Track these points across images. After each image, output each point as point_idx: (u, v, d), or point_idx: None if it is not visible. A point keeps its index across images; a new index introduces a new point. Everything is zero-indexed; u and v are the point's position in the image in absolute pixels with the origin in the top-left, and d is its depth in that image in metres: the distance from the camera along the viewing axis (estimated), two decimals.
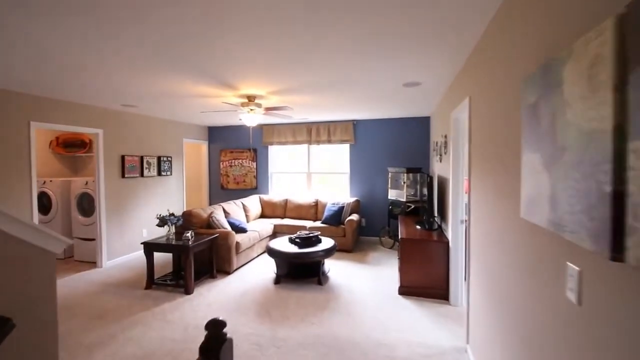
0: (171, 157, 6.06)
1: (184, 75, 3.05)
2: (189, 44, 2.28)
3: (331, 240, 4.33)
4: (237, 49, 2.38)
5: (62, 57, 2.56)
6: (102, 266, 4.73)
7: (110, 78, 3.17)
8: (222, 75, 3.06)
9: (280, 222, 5.80)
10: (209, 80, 3.24)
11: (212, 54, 2.49)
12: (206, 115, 5.52)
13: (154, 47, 2.35)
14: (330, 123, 6.27)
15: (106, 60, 2.63)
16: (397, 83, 3.46)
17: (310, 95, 3.97)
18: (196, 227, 4.53)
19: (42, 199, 5.27)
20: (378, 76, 3.18)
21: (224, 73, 3.00)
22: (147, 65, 2.75)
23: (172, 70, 2.90)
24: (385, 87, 3.61)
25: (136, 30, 2.06)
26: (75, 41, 2.23)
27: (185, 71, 2.94)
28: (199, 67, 2.80)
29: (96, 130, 4.63)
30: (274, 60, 2.65)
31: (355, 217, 5.45)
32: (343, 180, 6.57)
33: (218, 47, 2.35)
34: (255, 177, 6.86)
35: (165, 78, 3.17)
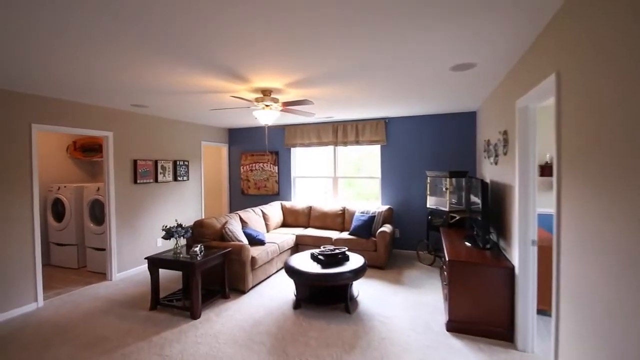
0: (188, 161, 5.69)
1: (191, 66, 2.56)
2: (194, 28, 1.75)
3: (360, 258, 3.66)
4: (246, 27, 1.82)
5: (65, 51, 2.15)
6: (111, 279, 4.39)
7: (117, 73, 2.76)
8: (232, 64, 2.53)
9: (303, 232, 5.21)
10: (218, 71, 2.73)
11: (222, 41, 1.95)
12: (226, 116, 5.08)
13: (159, 37, 1.85)
14: (359, 122, 5.61)
15: (111, 53, 2.19)
16: (443, 66, 2.76)
17: (335, 86, 3.36)
18: (209, 239, 4.05)
19: (57, 206, 5.07)
20: (420, 57, 2.50)
21: (233, 61, 2.47)
22: (152, 57, 2.28)
23: (178, 62, 2.41)
24: (428, 72, 2.91)
25: (141, 19, 1.56)
26: (77, 35, 1.78)
27: (192, 62, 2.44)
28: (206, 56, 2.29)
29: (105, 133, 4.31)
30: (291, 41, 2.06)
31: (388, 229, 4.74)
32: (373, 185, 5.87)
33: (223, 26, 1.80)
34: (277, 182, 6.35)
35: (173, 71, 2.69)
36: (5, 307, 3.31)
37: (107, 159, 4.36)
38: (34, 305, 3.54)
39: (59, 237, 5.02)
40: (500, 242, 3.30)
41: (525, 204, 2.63)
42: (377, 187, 5.76)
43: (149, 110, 4.54)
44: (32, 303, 3.53)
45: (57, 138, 5.40)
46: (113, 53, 2.33)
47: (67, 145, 5.54)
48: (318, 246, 4.96)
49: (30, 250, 3.53)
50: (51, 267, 5.04)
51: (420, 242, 5.11)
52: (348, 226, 5.33)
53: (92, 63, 2.55)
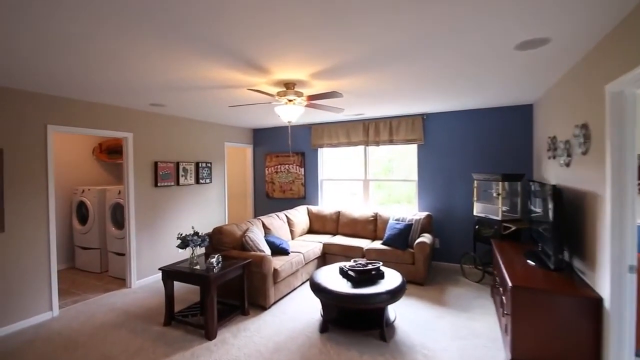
0: (211, 163, 5.44)
1: (207, 58, 2.21)
2: (212, 15, 1.39)
3: (397, 275, 3.15)
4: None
5: (81, 47, 1.89)
6: (130, 286, 4.20)
7: (134, 68, 2.48)
8: (253, 52, 2.15)
9: (331, 240, 4.77)
10: (237, 61, 2.36)
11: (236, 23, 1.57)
12: (249, 116, 4.77)
13: (177, 25, 1.51)
14: (393, 119, 5.08)
15: (126, 46, 1.91)
16: (507, 43, 2.20)
17: (368, 76, 2.89)
18: (228, 248, 3.72)
19: (82, 209, 5.00)
20: (479, 33, 1.98)
21: (253, 48, 2.09)
22: (170, 47, 1.96)
23: (195, 52, 2.08)
24: (485, 53, 2.37)
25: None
26: (93, 27, 1.49)
27: (208, 53, 2.10)
28: (221, 44, 1.93)
29: (125, 134, 4.13)
30: (322, 16, 1.64)
31: (428, 239, 4.17)
32: (405, 188, 5.31)
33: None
34: (303, 185, 5.96)
35: (190, 63, 2.37)
36: (18, 317, 3.16)
37: (127, 161, 4.17)
38: (48, 314, 3.38)
39: (83, 241, 4.94)
40: (575, 262, 2.66)
41: (621, 218, 2.01)
42: (410, 189, 5.19)
43: (168, 109, 4.31)
44: (46, 312, 3.37)
45: (84, 140, 5.36)
46: (128, 46, 2.03)
47: (93, 147, 5.50)
48: (347, 256, 4.50)
49: (45, 256, 3.37)
50: (75, 271, 4.97)
51: (465, 254, 4.49)
52: (381, 234, 4.81)
53: (108, 58, 2.27)
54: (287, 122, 3.15)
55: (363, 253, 4.40)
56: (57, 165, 5.02)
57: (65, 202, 5.14)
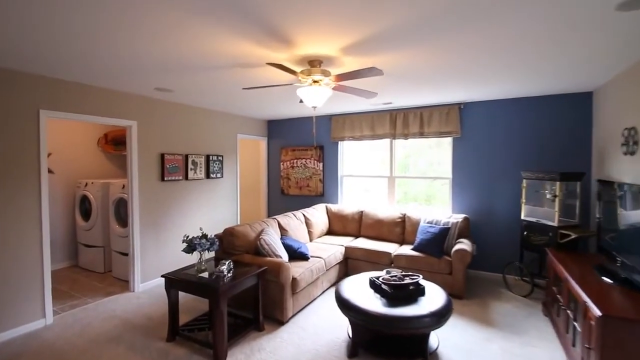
0: (222, 156, 5.01)
1: (221, 21, 1.75)
2: None
3: (439, 292, 2.65)
4: None
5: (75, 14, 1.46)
6: (133, 290, 3.82)
7: (135, 40, 2.04)
8: (270, 11, 1.67)
9: (354, 243, 4.28)
10: (254, 29, 1.89)
11: None
12: (264, 105, 4.30)
13: None
14: (424, 109, 4.52)
15: (134, 15, 1.47)
16: (609, 0, 1.66)
17: (412, 50, 2.37)
18: (241, 252, 3.28)
19: (85, 203, 4.65)
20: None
21: (273, 6, 1.61)
22: (176, 12, 1.50)
23: (205, 16, 1.62)
24: (580, 14, 1.82)
25: None
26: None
27: (223, 15, 1.63)
28: (237, 2, 1.46)
29: (128, 122, 3.72)
30: None
31: (468, 246, 3.63)
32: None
33: None
34: (321, 182, 5.48)
35: (200, 33, 1.91)
36: (5, 326, 2.80)
37: (131, 153, 3.77)
38: (41, 322, 3.01)
39: (86, 238, 4.60)
40: None
41: None
42: (445, 189, 4.64)
43: (175, 96, 3.88)
44: (39, 320, 3.01)
45: (88, 130, 5.01)
46: (137, 13, 1.58)
47: (98, 137, 5.15)
48: (372, 262, 4.01)
49: (37, 256, 3.00)
50: (78, 270, 4.64)
51: (509, 264, 3.93)
52: (409, 238, 4.29)
53: (107, 27, 1.83)
54: (311, 107, 2.67)
55: (391, 259, 3.90)
56: (60, 157, 4.68)
57: (68, 195, 4.81)
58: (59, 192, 4.71)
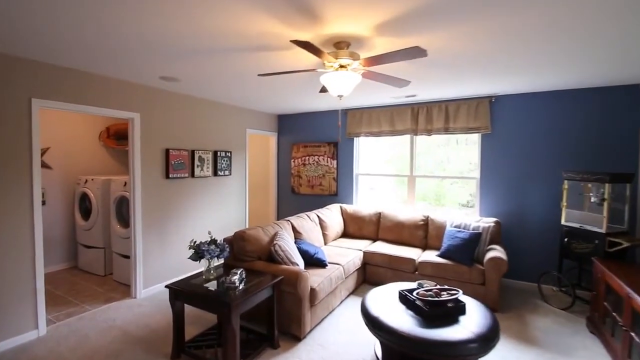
0: (231, 152, 4.70)
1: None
2: None
3: (481, 309, 2.31)
4: None
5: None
6: (135, 296, 3.53)
7: (138, 19, 1.73)
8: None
9: (372, 247, 3.95)
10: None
11: None
12: (276, 99, 3.97)
13: None
14: (450, 102, 4.17)
15: None
16: None
17: (454, 30, 2.02)
18: (253, 258, 2.97)
19: (85, 201, 4.37)
20: None
21: None
22: None
23: None
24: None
25: None
26: None
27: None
28: None
29: (130, 114, 3.42)
30: None
31: (502, 253, 3.28)
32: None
33: None
34: (334, 180, 5.15)
35: (208, 6, 1.60)
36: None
37: (133, 147, 3.47)
38: (33, 334, 2.73)
39: (86, 238, 4.32)
40: None
41: None
42: (471, 189, 4.29)
43: (181, 86, 3.57)
44: (31, 331, 2.72)
45: (89, 123, 4.71)
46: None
47: (100, 131, 4.86)
48: (393, 269, 3.68)
49: (29, 260, 2.71)
50: (77, 272, 4.37)
51: (545, 273, 3.57)
52: (433, 243, 3.96)
53: (110, 1, 1.52)
54: (336, 95, 2.33)
55: (415, 266, 3.57)
56: (58, 151, 4.40)
57: (67, 193, 4.53)
58: (57, 189, 4.43)
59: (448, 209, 4.54)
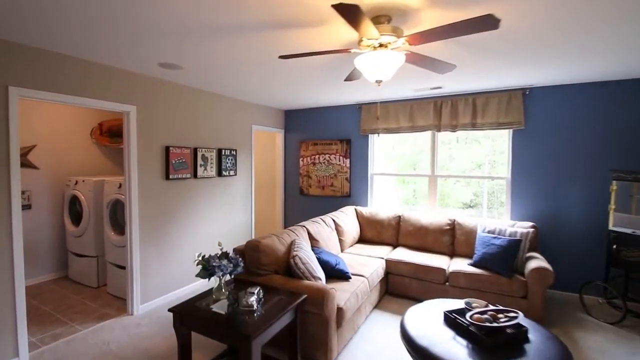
0: (236, 150, 4.31)
1: None
2: None
3: (547, 336, 1.96)
4: None
5: None
6: (132, 312, 3.13)
7: None
8: None
9: (394, 254, 3.59)
10: None
11: None
12: (284, 93, 3.59)
13: None
14: (478, 95, 3.81)
15: None
16: None
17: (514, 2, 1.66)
18: (268, 272, 2.58)
19: (75, 205, 3.95)
20: None
21: None
22: None
23: None
24: None
25: None
26: None
27: None
28: None
29: (125, 107, 3.01)
30: None
31: (545, 262, 2.94)
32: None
33: None
34: (347, 180, 4.78)
35: None
36: None
37: (129, 144, 3.07)
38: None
39: (77, 246, 3.91)
40: None
41: None
42: (500, 191, 3.94)
43: (184, 75, 3.17)
44: (11, 359, 2.32)
45: (80, 118, 4.29)
46: None
47: (92, 128, 4.44)
48: (420, 279, 3.32)
49: (7, 273, 2.30)
50: (67, 283, 3.96)
51: (588, 283, 3.23)
52: (461, 249, 3.60)
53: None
54: (374, 81, 1.96)
55: (445, 277, 3.21)
56: (46, 149, 3.98)
57: (56, 196, 4.11)
58: (44, 192, 4.01)
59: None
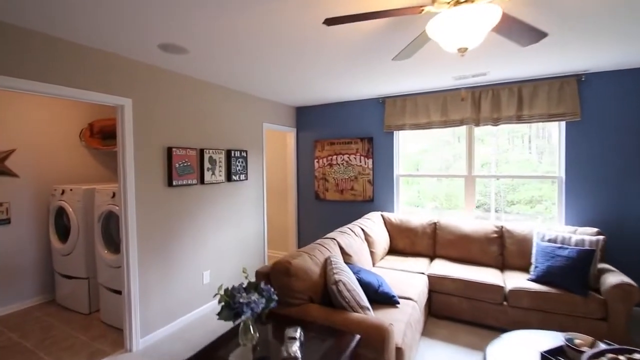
0: (246, 151, 3.80)
1: None
2: None
3: None
4: None
5: None
6: (130, 347, 2.60)
7: None
8: None
9: (435, 269, 3.09)
10: None
11: None
12: (301, 84, 3.10)
13: None
14: (524, 83, 3.34)
15: None
16: None
17: None
18: (303, 301, 2.07)
19: (62, 218, 3.42)
20: None
21: None
22: None
23: None
24: None
25: None
26: None
27: None
28: None
29: (119, 100, 2.50)
30: None
31: (624, 276, 2.45)
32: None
33: None
34: (370, 183, 4.28)
35: None
36: None
37: (123, 144, 2.55)
38: None
39: (65, 266, 3.36)
40: None
41: None
42: (549, 193, 3.47)
43: (189, 62, 2.66)
44: None
45: (67, 118, 3.75)
46: None
47: (81, 129, 3.90)
48: (470, 298, 2.83)
49: None
50: (55, 308, 3.40)
51: None
52: (513, 261, 3.11)
53: None
54: (456, 51, 1.47)
55: (504, 295, 2.72)
56: (27, 154, 3.44)
57: (40, 207, 3.56)
58: (26, 203, 3.47)
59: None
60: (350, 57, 2.60)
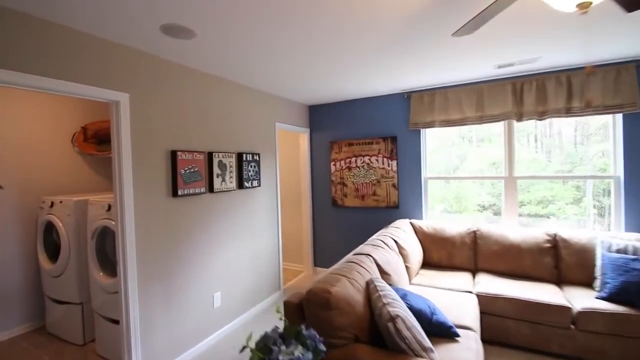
0: (259, 154, 3.39)
1: None
2: None
3: None
4: None
5: None
6: None
7: None
8: None
9: (482, 286, 2.67)
10: None
11: None
12: (323, 76, 2.70)
13: None
14: (573, 72, 2.94)
15: None
16: None
17: None
18: (348, 340, 1.64)
19: (51, 234, 3.00)
20: None
21: None
22: None
23: None
24: None
25: None
26: None
27: None
28: None
29: (114, 96, 2.09)
30: None
31: None
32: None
33: None
34: (395, 188, 3.87)
35: None
36: None
37: (119, 148, 2.14)
38: None
39: (55, 289, 2.94)
40: None
41: None
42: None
43: (195, 51, 2.26)
44: None
45: (57, 121, 3.35)
46: None
47: (74, 133, 3.50)
48: (529, 321, 2.41)
49: None
50: (45, 337, 2.98)
51: None
52: (573, 275, 2.70)
53: None
54: (575, 10, 1.08)
55: (572, 318, 2.30)
56: (13, 161, 3.04)
57: (26, 222, 3.15)
58: (10, 217, 3.05)
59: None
60: (383, 46, 2.21)
